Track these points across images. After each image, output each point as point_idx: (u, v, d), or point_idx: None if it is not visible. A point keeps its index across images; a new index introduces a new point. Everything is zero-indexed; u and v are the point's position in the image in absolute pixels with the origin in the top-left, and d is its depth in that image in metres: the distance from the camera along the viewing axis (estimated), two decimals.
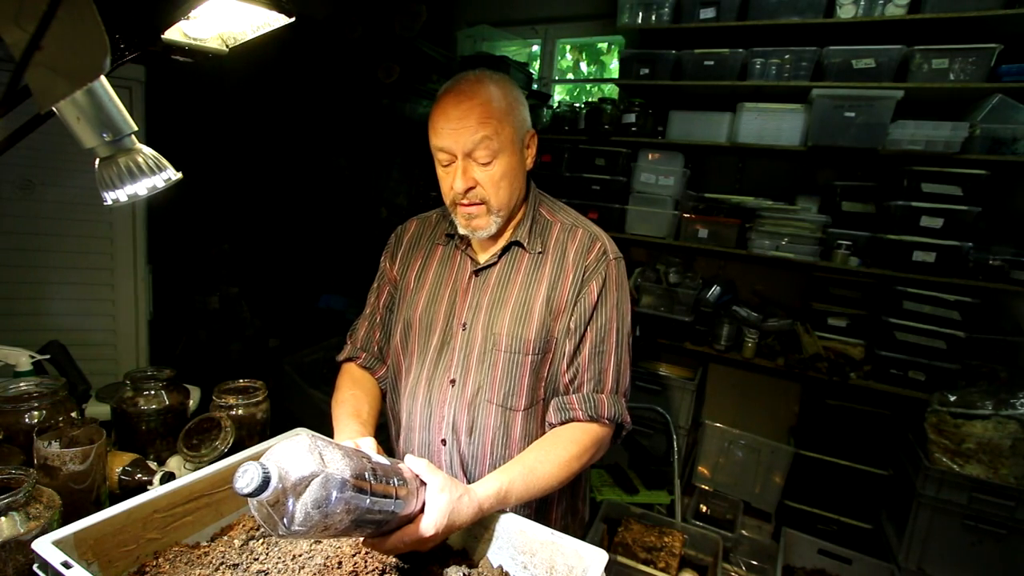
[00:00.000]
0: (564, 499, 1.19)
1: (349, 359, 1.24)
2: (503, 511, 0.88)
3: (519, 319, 1.06)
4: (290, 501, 0.60)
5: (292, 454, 0.62)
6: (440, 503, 0.78)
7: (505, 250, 1.12)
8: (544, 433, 1.08)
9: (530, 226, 1.12)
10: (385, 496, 0.70)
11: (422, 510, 0.78)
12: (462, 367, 1.09)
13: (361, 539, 0.79)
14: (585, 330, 1.07)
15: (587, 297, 1.07)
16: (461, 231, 1.10)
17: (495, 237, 1.12)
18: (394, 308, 1.23)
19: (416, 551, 0.81)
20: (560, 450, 1.00)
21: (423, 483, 0.80)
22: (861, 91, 2.38)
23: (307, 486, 0.60)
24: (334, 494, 0.62)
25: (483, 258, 1.13)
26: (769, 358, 2.73)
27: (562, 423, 1.06)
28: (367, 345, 1.24)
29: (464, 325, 1.10)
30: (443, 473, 0.82)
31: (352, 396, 1.13)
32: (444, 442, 1.10)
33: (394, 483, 0.73)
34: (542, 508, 1.14)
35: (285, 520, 0.60)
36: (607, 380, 1.08)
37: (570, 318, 1.07)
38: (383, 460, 0.76)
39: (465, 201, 1.04)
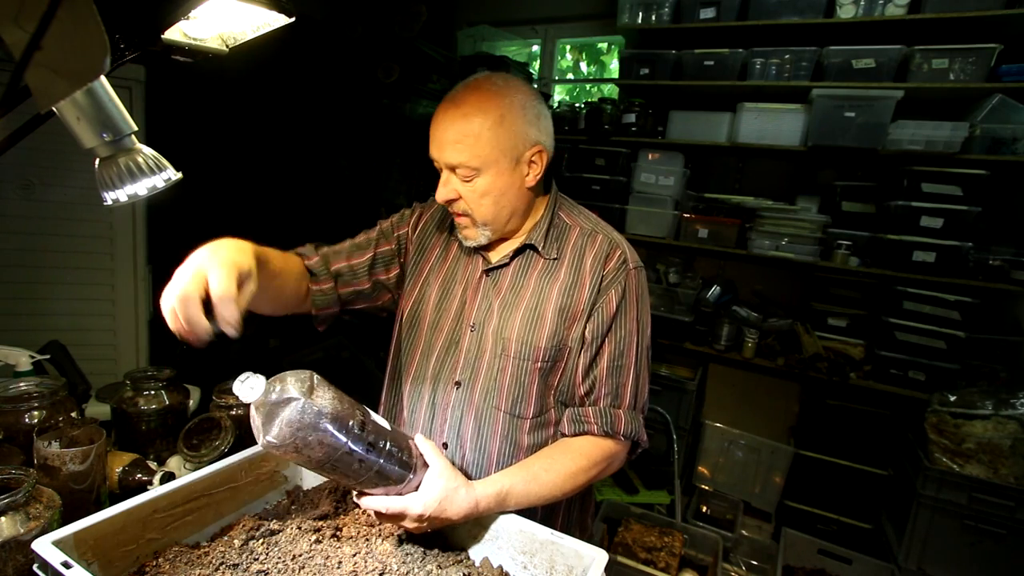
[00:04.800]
0: (572, 513, 1.14)
1: (299, 254, 1.12)
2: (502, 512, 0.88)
3: (530, 325, 1.02)
4: (274, 415, 0.69)
5: (289, 380, 0.71)
6: (436, 486, 0.79)
7: (519, 252, 1.08)
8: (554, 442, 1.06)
9: (547, 230, 1.08)
10: (369, 448, 0.75)
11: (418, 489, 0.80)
12: (470, 370, 1.06)
13: (361, 503, 0.82)
14: (603, 342, 1.03)
15: (605, 307, 1.02)
16: (458, 235, 1.09)
17: (508, 238, 1.10)
18: (403, 266, 1.18)
19: (414, 538, 0.83)
20: (568, 460, 0.97)
21: (426, 464, 0.80)
22: (861, 91, 2.39)
23: (287, 406, 0.69)
24: (306, 420, 0.69)
25: (495, 258, 1.10)
26: (769, 358, 2.73)
27: (575, 435, 1.02)
28: (328, 257, 1.14)
29: (473, 327, 1.07)
30: (448, 461, 0.82)
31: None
32: (446, 446, 1.08)
33: (386, 445, 0.77)
34: (547, 520, 1.09)
35: (265, 429, 0.69)
36: (625, 395, 1.03)
37: (585, 327, 1.02)
38: (384, 424, 0.79)
39: (452, 210, 1.05)
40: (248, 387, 0.69)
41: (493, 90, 0.98)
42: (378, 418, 0.80)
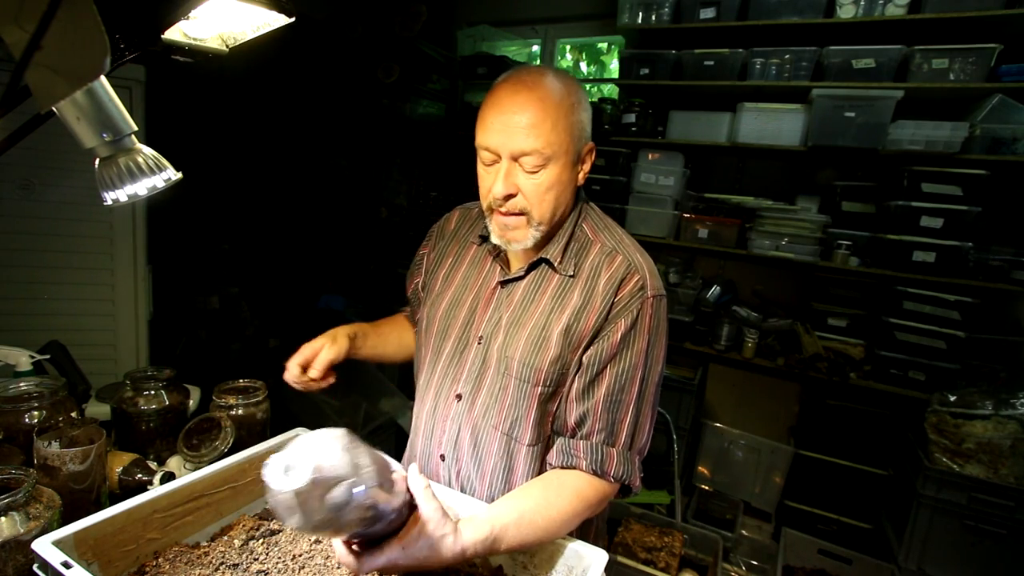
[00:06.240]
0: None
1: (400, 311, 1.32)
2: None
3: (534, 346, 0.96)
4: (315, 499, 0.59)
5: (328, 451, 0.61)
6: (423, 537, 0.70)
7: (535, 266, 1.01)
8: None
9: (566, 244, 1.00)
10: (388, 507, 0.67)
11: (396, 532, 0.71)
12: (473, 383, 1.02)
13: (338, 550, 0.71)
14: (602, 371, 0.94)
15: (611, 336, 0.93)
16: (495, 240, 1.00)
17: (534, 248, 1.02)
18: (424, 289, 1.20)
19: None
20: (564, 503, 0.87)
21: (413, 505, 0.73)
22: (861, 91, 2.38)
23: (333, 487, 0.60)
24: (356, 500, 0.61)
25: (513, 268, 1.04)
26: (769, 358, 2.73)
27: (563, 467, 0.94)
28: (410, 303, 1.28)
29: (480, 339, 1.02)
30: (439, 503, 0.74)
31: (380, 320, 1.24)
32: (443, 457, 1.06)
33: (398, 496, 0.70)
34: None
35: (303, 515, 0.59)
36: (621, 434, 0.94)
37: (584, 353, 0.94)
38: (392, 464, 0.72)
39: (503, 209, 0.94)
40: (292, 475, 0.58)
41: (561, 77, 0.93)
42: (388, 460, 0.72)
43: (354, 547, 0.71)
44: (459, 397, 1.04)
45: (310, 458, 0.59)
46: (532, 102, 0.89)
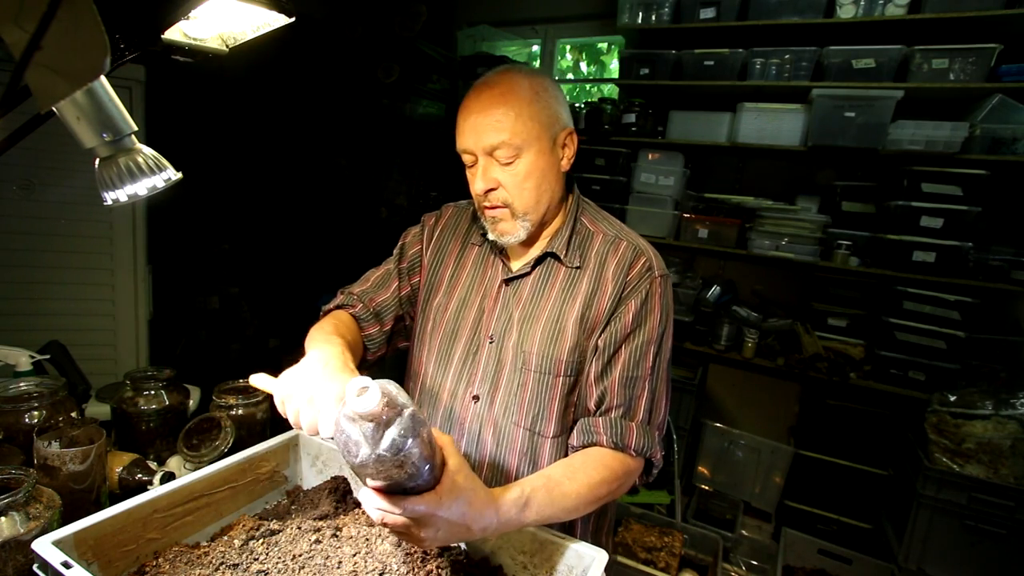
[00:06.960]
0: (587, 531, 1.08)
1: (340, 307, 1.11)
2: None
3: (551, 337, 0.98)
4: (385, 424, 0.61)
5: (388, 385, 0.63)
6: (457, 485, 0.68)
7: (540, 260, 1.04)
8: None
9: (569, 236, 1.03)
10: (427, 463, 0.66)
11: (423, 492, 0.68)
12: (489, 383, 1.02)
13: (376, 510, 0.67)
14: (617, 351, 0.97)
15: (624, 316, 0.97)
16: (491, 237, 1.03)
17: (529, 243, 1.05)
18: (415, 286, 1.16)
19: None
20: (590, 470, 0.88)
21: (444, 463, 0.71)
22: (861, 91, 2.39)
23: (398, 415, 0.62)
24: (413, 428, 0.62)
25: (516, 266, 1.06)
26: (769, 358, 2.73)
27: (584, 446, 0.95)
28: (364, 298, 1.13)
29: (492, 338, 1.03)
30: (463, 458, 0.72)
31: (335, 331, 0.96)
32: None
33: (436, 455, 0.69)
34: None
35: (373, 436, 0.61)
36: (638, 409, 0.97)
37: (600, 336, 0.98)
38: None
39: (487, 203, 0.98)
40: (368, 397, 0.61)
41: (523, 71, 0.98)
42: None
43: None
44: (476, 398, 1.03)
45: (377, 384, 0.62)
46: (494, 98, 0.94)
